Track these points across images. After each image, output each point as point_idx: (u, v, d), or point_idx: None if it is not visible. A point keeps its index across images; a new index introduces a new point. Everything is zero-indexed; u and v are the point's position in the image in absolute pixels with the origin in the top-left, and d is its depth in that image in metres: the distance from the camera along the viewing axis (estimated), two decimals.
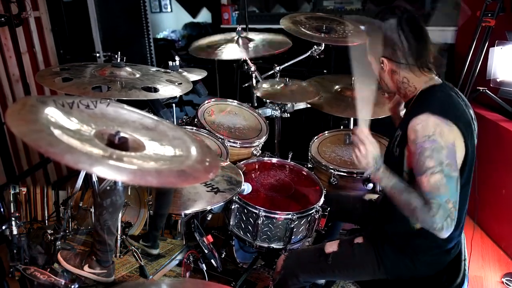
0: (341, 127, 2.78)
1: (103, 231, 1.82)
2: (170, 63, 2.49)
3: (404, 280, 1.44)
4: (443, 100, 1.29)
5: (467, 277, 1.41)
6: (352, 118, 2.73)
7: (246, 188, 1.93)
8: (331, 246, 1.50)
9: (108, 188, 1.79)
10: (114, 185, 1.77)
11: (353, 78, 2.71)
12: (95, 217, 1.91)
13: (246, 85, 2.91)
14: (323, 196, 1.93)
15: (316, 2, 4.13)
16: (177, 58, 2.54)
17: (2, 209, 1.95)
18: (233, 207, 1.89)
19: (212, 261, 1.88)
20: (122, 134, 1.00)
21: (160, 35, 7.13)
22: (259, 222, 1.82)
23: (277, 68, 2.71)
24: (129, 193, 2.44)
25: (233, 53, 2.47)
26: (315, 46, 2.77)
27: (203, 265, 1.91)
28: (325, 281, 1.79)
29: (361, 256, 1.44)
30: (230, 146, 2.27)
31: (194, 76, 2.59)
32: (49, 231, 2.16)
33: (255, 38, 2.63)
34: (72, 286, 1.58)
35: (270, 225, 1.84)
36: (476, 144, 1.35)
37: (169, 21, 7.52)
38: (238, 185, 1.83)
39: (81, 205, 2.48)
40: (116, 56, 1.92)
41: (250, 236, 1.89)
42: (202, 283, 1.14)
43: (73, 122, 1.00)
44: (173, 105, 2.62)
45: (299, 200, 1.95)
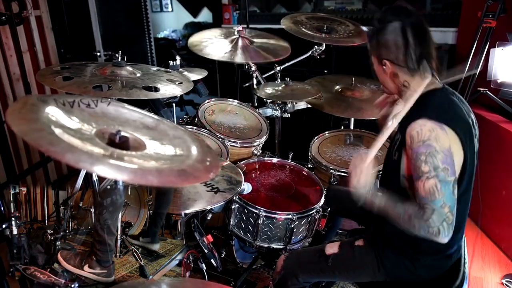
0: (342, 127, 2.78)
1: (103, 231, 1.82)
2: (171, 63, 2.49)
3: (403, 282, 1.44)
4: (442, 105, 1.29)
5: (467, 279, 1.41)
6: (353, 119, 2.73)
7: (246, 188, 1.93)
8: (332, 248, 1.49)
9: (109, 187, 1.79)
10: (115, 184, 1.77)
11: (353, 79, 2.72)
12: (95, 217, 1.91)
13: (247, 85, 2.91)
14: (326, 191, 1.93)
15: (317, 2, 4.14)
16: (178, 58, 2.54)
17: (2, 208, 1.95)
18: (234, 207, 1.89)
19: (212, 261, 1.88)
20: (123, 133, 1.00)
21: (161, 35, 7.13)
22: (260, 222, 1.82)
23: (278, 68, 2.71)
24: (129, 193, 2.44)
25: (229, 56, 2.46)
26: (316, 46, 2.77)
27: (203, 265, 1.91)
28: (325, 282, 1.79)
29: (362, 258, 1.44)
30: (231, 146, 2.27)
31: (195, 76, 2.59)
32: (49, 231, 2.16)
33: (256, 41, 2.62)
34: (72, 286, 1.57)
35: (271, 225, 1.84)
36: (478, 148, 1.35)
37: (170, 21, 7.52)
38: (238, 185, 1.83)
39: (81, 205, 2.48)
40: (117, 55, 1.92)
41: (250, 236, 1.89)
42: (202, 283, 1.14)
43: (74, 121, 1.00)
44: (174, 105, 2.62)
45: (300, 200, 1.95)
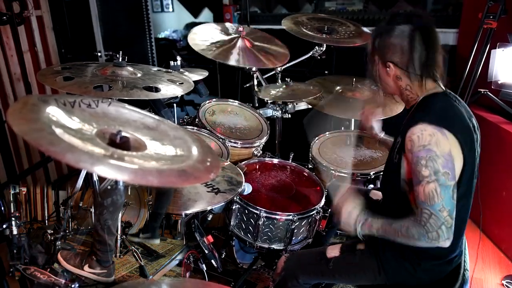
0: (342, 128, 2.78)
1: (103, 231, 1.82)
2: (172, 63, 2.49)
3: (403, 285, 1.44)
4: (442, 109, 1.28)
5: (467, 280, 1.41)
6: (353, 119, 2.73)
7: (247, 189, 1.93)
8: (333, 251, 1.49)
9: (109, 188, 1.78)
10: (115, 185, 1.77)
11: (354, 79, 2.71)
12: (95, 217, 1.91)
13: (247, 86, 2.91)
14: (327, 187, 1.93)
15: (318, 3, 4.14)
16: (179, 58, 2.54)
17: (2, 208, 1.95)
18: (234, 208, 1.89)
19: (212, 262, 1.88)
20: (124, 134, 1.00)
21: (162, 35, 7.13)
22: (260, 223, 1.82)
23: (279, 69, 2.71)
24: (129, 193, 2.43)
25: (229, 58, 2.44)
26: (317, 47, 2.77)
27: (203, 265, 1.91)
28: (325, 283, 1.78)
29: (363, 262, 1.44)
30: (231, 146, 2.27)
31: (196, 76, 2.59)
32: (49, 231, 2.16)
33: (256, 43, 2.62)
34: (72, 286, 1.57)
35: (271, 226, 1.84)
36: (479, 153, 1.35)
37: (171, 21, 7.51)
38: (239, 186, 1.83)
39: (81, 205, 2.47)
40: (118, 56, 1.92)
41: (251, 237, 1.89)
42: (202, 283, 1.14)
43: (75, 121, 1.00)
44: (174, 105, 2.62)
45: (300, 201, 1.95)
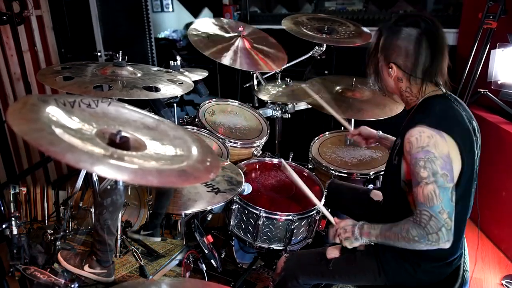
0: (342, 128, 2.78)
1: (103, 231, 1.82)
2: (172, 63, 2.49)
3: (402, 286, 1.44)
4: (441, 112, 1.28)
5: (467, 281, 1.41)
6: (353, 119, 2.73)
7: (247, 189, 1.93)
8: (333, 252, 1.49)
9: (109, 187, 1.78)
10: (115, 185, 1.77)
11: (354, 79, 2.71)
12: (95, 217, 1.91)
13: (247, 85, 2.91)
14: (327, 185, 1.93)
15: (318, 3, 4.14)
16: (178, 58, 2.54)
17: (2, 208, 1.95)
18: (234, 208, 1.89)
19: (212, 261, 1.88)
20: (124, 134, 1.00)
21: (162, 35, 7.13)
22: (260, 223, 1.82)
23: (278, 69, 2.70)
24: (129, 193, 2.43)
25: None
26: (317, 47, 2.77)
27: (203, 265, 1.91)
28: (324, 283, 1.78)
29: (363, 263, 1.44)
30: (231, 146, 2.27)
31: (195, 76, 2.59)
32: (49, 231, 2.16)
33: (256, 45, 2.61)
34: (72, 286, 1.57)
35: (271, 226, 1.84)
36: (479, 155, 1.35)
37: (171, 21, 7.51)
38: (239, 186, 1.83)
39: (81, 205, 2.47)
40: (118, 55, 1.92)
41: (251, 237, 1.89)
42: (202, 283, 1.14)
43: (75, 121, 1.00)
44: (174, 105, 2.62)
45: (300, 201, 1.95)
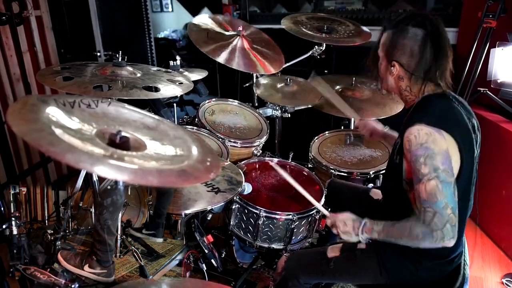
0: (342, 127, 2.78)
1: (103, 231, 1.82)
2: (171, 63, 2.49)
3: (403, 284, 1.44)
4: (440, 110, 1.28)
5: (467, 280, 1.41)
6: (353, 119, 2.73)
7: (247, 188, 1.93)
8: (333, 251, 1.49)
9: (109, 188, 1.78)
10: (115, 185, 1.77)
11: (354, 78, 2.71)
12: (95, 217, 1.91)
13: (247, 85, 2.91)
14: (327, 184, 1.92)
15: (317, 2, 4.14)
16: (178, 58, 2.54)
17: (2, 209, 1.95)
18: (234, 207, 1.89)
19: (212, 261, 1.88)
20: (123, 134, 1.00)
21: (161, 35, 7.12)
22: (260, 222, 1.82)
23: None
24: (129, 193, 2.43)
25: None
26: (316, 46, 2.77)
27: (203, 265, 1.91)
28: (325, 282, 1.78)
29: (363, 262, 1.43)
30: (231, 146, 2.27)
31: (195, 76, 2.59)
32: (49, 231, 2.15)
33: (255, 46, 2.61)
34: (72, 286, 1.57)
35: (271, 225, 1.84)
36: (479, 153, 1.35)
37: (170, 21, 7.51)
38: (239, 185, 1.83)
39: (81, 205, 2.47)
40: (117, 55, 1.92)
41: (251, 236, 1.89)
42: (202, 283, 1.15)
43: (74, 121, 1.00)
44: (174, 105, 2.62)
45: (300, 201, 1.95)
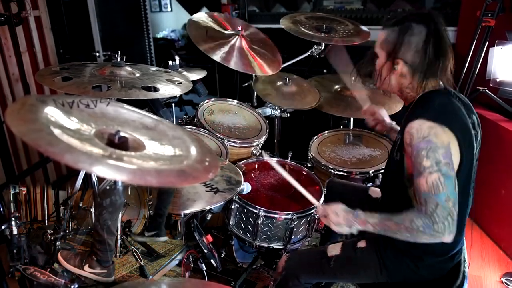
0: (341, 127, 2.78)
1: (103, 231, 1.82)
2: (170, 63, 2.49)
3: (404, 282, 1.44)
4: (441, 106, 1.28)
5: (467, 278, 1.41)
6: (352, 118, 2.73)
7: (246, 188, 1.93)
8: (334, 249, 1.48)
9: (108, 188, 1.78)
10: (114, 185, 1.77)
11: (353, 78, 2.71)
12: (95, 217, 1.91)
13: (246, 85, 2.91)
14: (326, 183, 1.93)
15: (316, 2, 4.13)
16: (177, 58, 2.54)
17: (2, 209, 1.95)
18: (233, 207, 1.89)
19: (212, 261, 1.88)
20: (122, 134, 1.00)
21: (160, 35, 7.12)
22: (259, 222, 1.82)
23: None
24: (129, 193, 2.43)
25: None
26: (315, 46, 2.77)
27: (203, 265, 1.91)
28: (325, 282, 1.79)
29: (364, 260, 1.43)
30: (230, 146, 2.27)
31: (194, 76, 2.59)
32: (49, 231, 2.15)
33: (254, 46, 2.61)
34: (72, 286, 1.58)
35: (270, 225, 1.84)
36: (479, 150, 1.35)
37: (169, 21, 7.50)
38: (238, 185, 1.83)
39: (81, 205, 2.47)
40: (116, 56, 1.92)
41: (250, 236, 1.89)
42: (202, 283, 1.14)
43: (73, 122, 1.00)
44: (173, 105, 2.62)
45: (299, 200, 1.95)
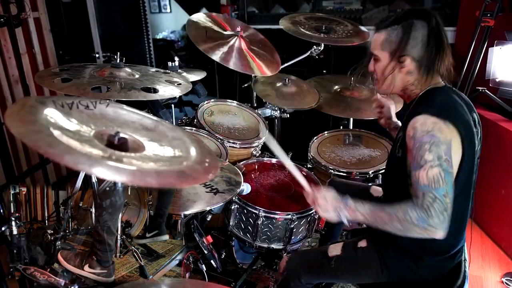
0: (341, 127, 2.78)
1: (103, 231, 1.82)
2: (170, 64, 2.49)
3: (405, 282, 1.44)
4: (443, 103, 1.28)
5: (467, 278, 1.41)
6: (352, 118, 2.73)
7: (246, 189, 1.93)
8: (335, 249, 1.48)
9: (108, 189, 1.78)
10: (114, 186, 1.77)
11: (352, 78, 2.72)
12: (95, 218, 1.91)
13: (246, 86, 2.91)
14: (327, 183, 1.93)
15: (316, 3, 4.13)
16: (176, 59, 2.54)
17: (2, 210, 1.95)
18: (233, 208, 1.90)
19: (212, 262, 1.89)
20: (122, 135, 1.01)
21: (160, 36, 7.11)
22: (259, 223, 1.82)
23: None
24: (129, 193, 2.43)
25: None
26: (315, 46, 2.77)
27: (203, 266, 1.91)
28: (325, 282, 1.79)
29: (364, 260, 1.43)
30: (230, 147, 2.27)
31: (194, 77, 2.59)
32: (49, 231, 2.15)
33: (253, 47, 2.61)
34: (72, 286, 1.58)
35: (270, 226, 1.84)
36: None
37: (168, 22, 7.50)
38: (238, 186, 1.84)
39: (81, 205, 2.47)
40: (116, 57, 1.92)
41: (250, 237, 1.89)
42: (202, 284, 1.15)
43: (73, 123, 1.00)
44: (173, 106, 2.62)
45: (299, 201, 1.95)
